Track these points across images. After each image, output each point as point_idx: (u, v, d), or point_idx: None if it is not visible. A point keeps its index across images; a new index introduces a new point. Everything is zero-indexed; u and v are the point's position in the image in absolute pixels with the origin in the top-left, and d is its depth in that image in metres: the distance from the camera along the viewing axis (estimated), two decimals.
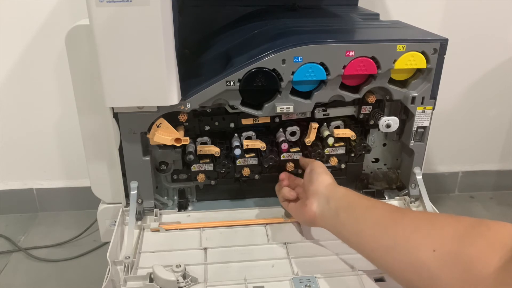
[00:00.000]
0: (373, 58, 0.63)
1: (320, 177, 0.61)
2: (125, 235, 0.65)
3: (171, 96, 0.59)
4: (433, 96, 0.67)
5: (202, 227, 0.67)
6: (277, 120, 0.71)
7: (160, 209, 0.70)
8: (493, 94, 1.24)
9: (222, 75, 0.61)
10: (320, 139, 0.72)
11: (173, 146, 0.69)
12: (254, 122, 0.70)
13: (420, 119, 0.68)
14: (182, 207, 0.73)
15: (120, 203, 0.70)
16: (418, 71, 0.66)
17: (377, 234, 0.51)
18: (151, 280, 0.55)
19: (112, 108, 0.62)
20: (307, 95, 0.66)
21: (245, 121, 0.70)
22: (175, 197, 0.75)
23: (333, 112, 0.71)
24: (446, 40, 0.63)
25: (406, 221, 0.50)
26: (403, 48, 0.62)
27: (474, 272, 0.41)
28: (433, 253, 0.45)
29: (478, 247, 0.42)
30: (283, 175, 0.70)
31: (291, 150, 0.72)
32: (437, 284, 0.44)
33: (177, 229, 0.67)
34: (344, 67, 0.62)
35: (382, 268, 0.52)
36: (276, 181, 0.71)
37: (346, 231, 0.56)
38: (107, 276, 0.56)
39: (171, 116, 0.65)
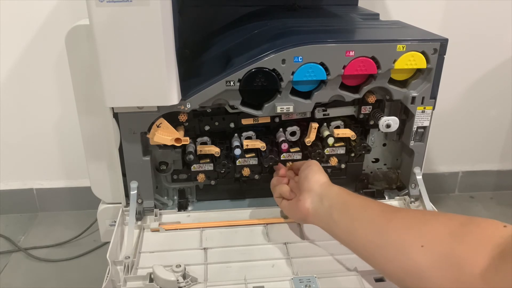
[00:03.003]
0: (373, 58, 0.63)
1: (316, 175, 0.62)
2: (125, 235, 0.65)
3: (171, 96, 0.59)
4: (433, 96, 0.67)
5: (202, 227, 0.67)
6: (277, 120, 0.71)
7: (160, 209, 0.70)
8: (493, 94, 1.24)
9: (222, 75, 0.61)
10: (320, 139, 0.72)
11: (173, 146, 0.69)
12: (254, 122, 0.70)
13: (420, 119, 0.68)
14: (182, 207, 0.73)
15: (120, 203, 0.70)
16: (418, 71, 0.66)
17: (369, 233, 0.52)
18: (151, 280, 0.55)
19: (112, 108, 0.62)
20: (307, 95, 0.66)
21: (245, 121, 0.70)
22: (175, 197, 0.75)
23: (333, 112, 0.71)
24: (446, 40, 0.63)
25: (398, 220, 0.50)
26: (403, 48, 0.62)
27: (464, 270, 0.42)
28: (423, 251, 0.45)
29: (468, 245, 0.43)
30: (283, 172, 0.69)
31: (291, 150, 0.71)
32: (428, 283, 0.44)
33: (177, 229, 0.67)
34: (344, 67, 0.62)
35: (374, 266, 0.53)
36: None
37: (339, 229, 0.56)
38: (107, 276, 0.56)
39: (171, 116, 0.65)
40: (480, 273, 0.40)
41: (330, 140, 0.71)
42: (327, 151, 0.71)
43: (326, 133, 0.71)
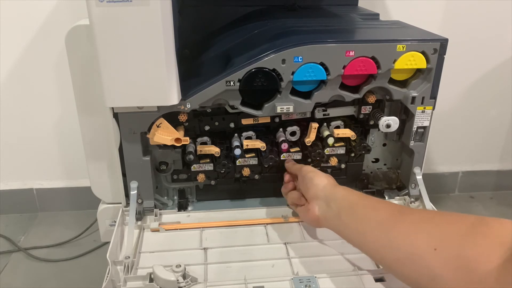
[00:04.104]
0: (373, 58, 0.63)
1: (314, 181, 0.61)
2: (125, 235, 0.65)
3: (171, 96, 0.59)
4: (433, 96, 0.67)
5: (202, 227, 0.67)
6: (277, 120, 0.71)
7: (160, 209, 0.70)
8: (493, 94, 1.24)
9: (222, 75, 0.61)
10: (320, 139, 0.72)
11: (173, 146, 0.69)
12: (254, 122, 0.70)
13: (420, 119, 0.68)
14: (182, 207, 0.73)
15: (120, 203, 0.70)
16: (418, 71, 0.66)
17: (379, 235, 0.51)
18: (151, 280, 0.55)
19: (112, 108, 0.62)
20: (307, 95, 0.66)
21: (245, 121, 0.70)
22: (175, 197, 0.75)
23: (333, 112, 0.71)
24: (446, 40, 0.63)
25: (407, 221, 0.50)
26: (403, 48, 0.62)
27: (476, 271, 0.41)
28: (434, 252, 0.45)
29: (479, 246, 0.43)
30: (287, 178, 0.69)
31: (291, 150, 0.71)
32: (439, 284, 0.44)
33: (177, 229, 0.67)
34: (344, 67, 0.62)
35: (385, 267, 0.53)
36: (276, 181, 0.71)
37: (349, 231, 0.56)
38: (107, 276, 0.56)
39: (171, 116, 0.65)
40: (493, 273, 0.40)
41: (330, 140, 0.71)
42: (327, 151, 0.71)
43: (326, 133, 0.71)
